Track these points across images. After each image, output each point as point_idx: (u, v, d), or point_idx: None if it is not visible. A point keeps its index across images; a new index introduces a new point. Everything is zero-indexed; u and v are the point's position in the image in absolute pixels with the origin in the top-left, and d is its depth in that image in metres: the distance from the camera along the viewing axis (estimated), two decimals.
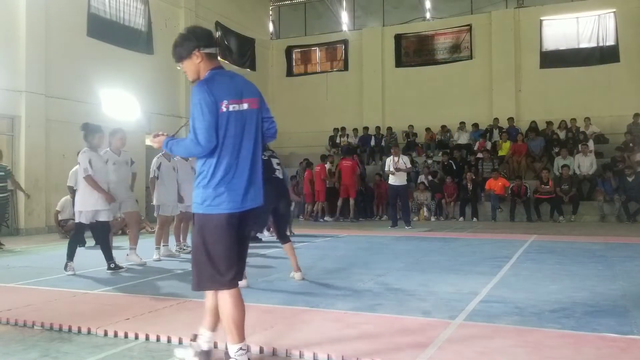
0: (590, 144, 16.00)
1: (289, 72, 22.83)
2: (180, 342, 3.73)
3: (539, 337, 3.72)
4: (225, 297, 3.01)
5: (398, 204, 13.33)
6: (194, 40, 3.08)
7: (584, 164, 15.39)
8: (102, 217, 6.87)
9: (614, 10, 18.10)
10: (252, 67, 21.69)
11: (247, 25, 21.25)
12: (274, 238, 10.35)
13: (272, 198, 5.67)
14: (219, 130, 2.96)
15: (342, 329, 3.99)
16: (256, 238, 10.27)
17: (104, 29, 14.82)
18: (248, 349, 3.16)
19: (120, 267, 6.89)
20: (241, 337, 3.04)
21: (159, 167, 8.13)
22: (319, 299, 5.04)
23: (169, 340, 3.78)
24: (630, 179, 14.16)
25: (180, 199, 8.42)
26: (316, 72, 22.58)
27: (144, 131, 15.76)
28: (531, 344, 3.58)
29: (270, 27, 23.32)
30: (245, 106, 3.07)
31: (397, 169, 12.66)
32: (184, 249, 8.71)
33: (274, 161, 6.00)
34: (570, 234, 10.99)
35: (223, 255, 2.98)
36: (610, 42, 18.18)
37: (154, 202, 8.23)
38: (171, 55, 3.24)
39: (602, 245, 8.99)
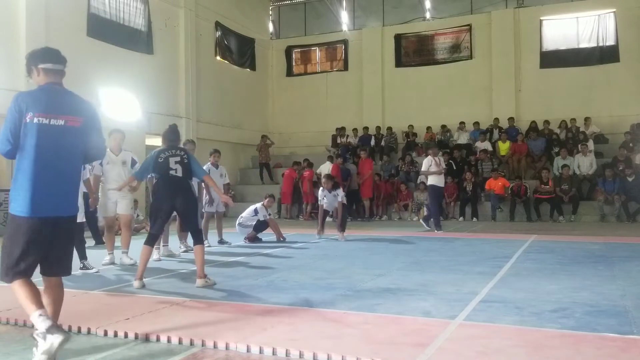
0: (590, 144, 16.00)
1: (289, 72, 22.83)
2: (180, 341, 3.73)
3: (539, 337, 3.73)
4: (15, 288, 3.25)
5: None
6: (32, 58, 3.43)
7: (584, 164, 15.40)
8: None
9: (614, 10, 18.10)
10: (252, 67, 21.69)
11: (247, 25, 21.26)
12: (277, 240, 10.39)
13: (167, 196, 5.81)
14: (21, 138, 3.26)
15: (342, 328, 3.99)
16: (257, 238, 10.28)
17: (104, 29, 14.82)
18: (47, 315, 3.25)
19: (90, 269, 6.90)
20: (38, 305, 3.18)
21: None
22: (319, 298, 5.04)
23: (169, 340, 3.78)
24: (630, 179, 14.17)
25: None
26: (316, 72, 22.57)
27: (144, 131, 15.78)
28: (531, 343, 3.58)
29: (270, 27, 23.32)
30: (60, 122, 3.34)
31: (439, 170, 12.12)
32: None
33: (172, 160, 5.87)
34: (570, 234, 10.99)
35: (14, 252, 3.25)
36: (610, 42, 18.18)
37: None
38: (171, 55, 3.41)
39: (602, 245, 8.99)
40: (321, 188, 10.97)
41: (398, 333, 3.86)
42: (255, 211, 10.37)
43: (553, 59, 18.75)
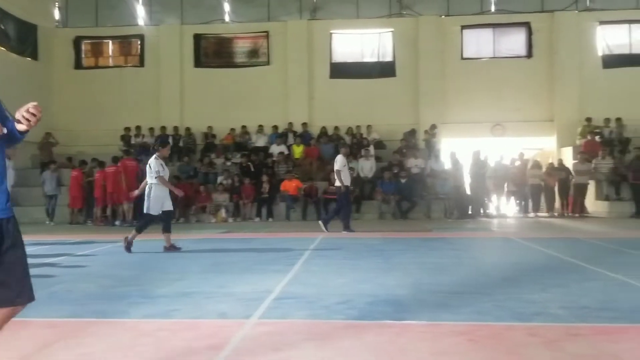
0: (371, 149, 17.70)
1: (78, 65, 21.01)
2: None
3: (327, 329, 4.01)
4: None
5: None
6: None
7: (366, 167, 16.96)
8: None
9: (392, 29, 20.24)
10: (34, 57, 19.53)
11: (28, 9, 19.03)
12: None
13: None
14: None
15: (135, 338, 3.84)
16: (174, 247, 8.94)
17: None
18: None
19: None
20: None
21: None
22: (110, 308, 4.75)
23: None
24: (403, 181, 16.06)
25: None
26: (109, 66, 21.17)
27: None
28: (320, 336, 3.84)
29: (57, 14, 21.23)
30: None
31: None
32: None
33: None
34: (354, 231, 11.99)
35: None
36: (388, 58, 20.26)
37: None
38: None
39: (381, 240, 10.01)
40: None
41: (194, 337, 3.83)
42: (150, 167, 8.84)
43: (341, 70, 20.25)
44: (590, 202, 16.33)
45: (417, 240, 10.23)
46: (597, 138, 17.47)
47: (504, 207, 16.79)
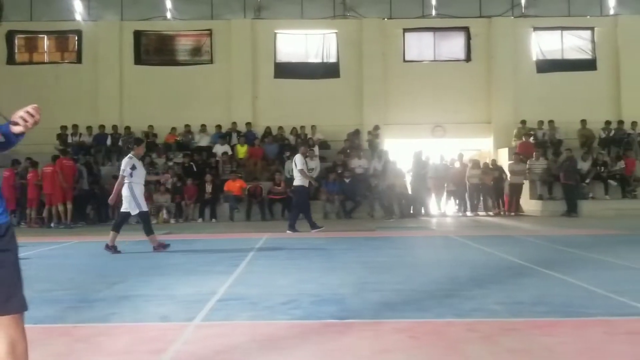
0: (316, 149, 17.78)
1: (11, 60, 20.06)
2: None
3: (271, 330, 4.00)
4: None
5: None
6: None
7: (310, 167, 17.01)
8: None
9: (336, 31, 20.40)
10: None
11: None
12: None
13: None
14: None
15: (71, 343, 3.71)
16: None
17: None
18: None
19: None
20: None
21: None
22: (43, 314, 4.55)
23: None
24: (347, 181, 16.23)
25: None
26: (44, 63, 20.32)
27: None
28: (264, 336, 3.83)
29: None
30: None
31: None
32: None
33: None
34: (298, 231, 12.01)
35: None
36: (333, 59, 20.41)
37: None
38: None
39: (325, 240, 10.08)
40: None
41: (134, 342, 3.74)
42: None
43: (285, 70, 20.24)
44: (525, 201, 17.04)
45: (360, 239, 10.37)
46: (531, 140, 18.24)
47: (444, 207, 17.24)
